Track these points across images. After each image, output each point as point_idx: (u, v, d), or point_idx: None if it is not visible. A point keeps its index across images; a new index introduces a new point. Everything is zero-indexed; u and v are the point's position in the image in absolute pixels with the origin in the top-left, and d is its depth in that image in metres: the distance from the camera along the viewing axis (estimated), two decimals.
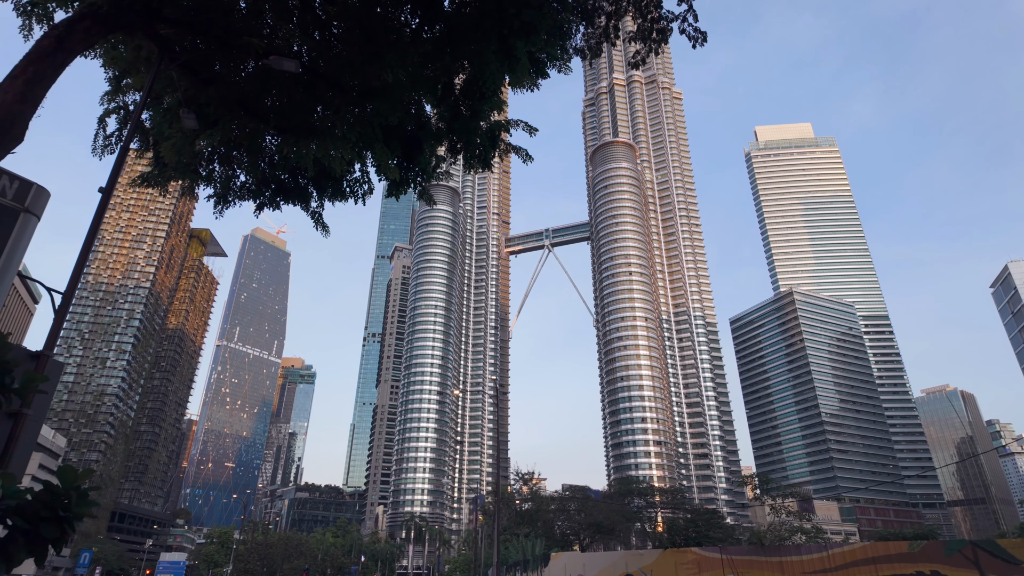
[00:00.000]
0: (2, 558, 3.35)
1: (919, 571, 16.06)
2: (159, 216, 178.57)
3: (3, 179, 3.49)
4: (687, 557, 21.57)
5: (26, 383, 4.48)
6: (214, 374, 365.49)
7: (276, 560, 76.94)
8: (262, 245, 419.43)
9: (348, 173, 12.53)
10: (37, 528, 3.45)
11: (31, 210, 3.53)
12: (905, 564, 16.49)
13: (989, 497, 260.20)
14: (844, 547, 18.11)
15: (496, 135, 12.45)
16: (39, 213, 3.62)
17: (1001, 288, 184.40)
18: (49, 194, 4.16)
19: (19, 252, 3.50)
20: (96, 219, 7.12)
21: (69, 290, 6.63)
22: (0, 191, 3.49)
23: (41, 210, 3.71)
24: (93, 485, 4.34)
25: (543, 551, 36.74)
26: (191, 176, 12.32)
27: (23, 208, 3.50)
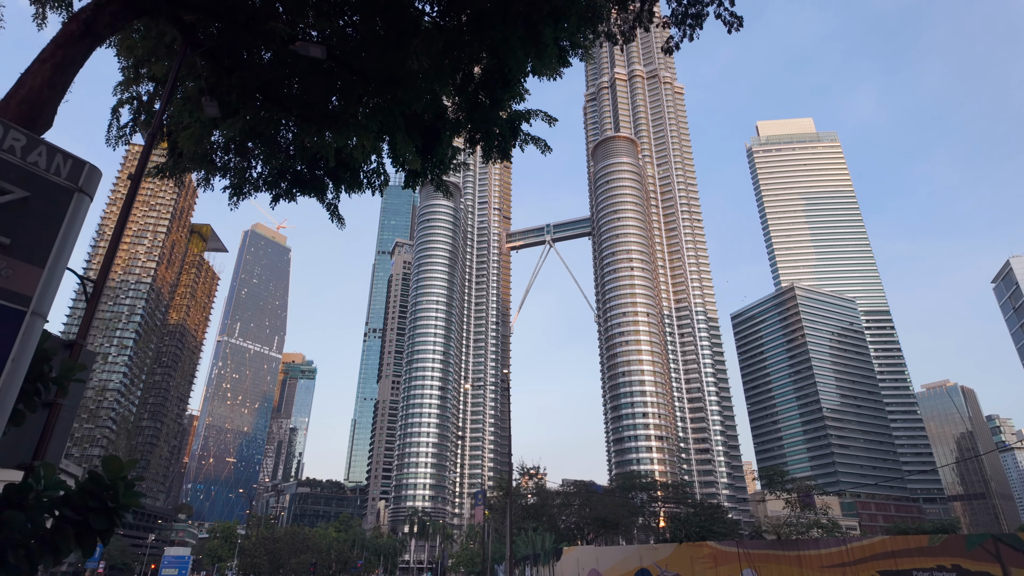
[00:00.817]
0: (50, 551, 3.20)
1: (940, 565, 15.92)
2: (160, 212, 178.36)
3: (56, 157, 3.39)
4: (703, 551, 21.44)
5: (64, 372, 4.36)
6: (215, 370, 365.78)
7: (282, 555, 76.98)
8: (262, 241, 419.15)
9: (366, 164, 12.42)
10: (87, 519, 3.32)
11: (84, 190, 3.41)
12: (926, 558, 16.34)
13: (989, 492, 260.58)
14: (863, 541, 17.97)
15: (517, 125, 12.31)
16: (92, 193, 3.51)
17: (1003, 283, 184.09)
18: (101, 173, 4.05)
19: (74, 233, 3.38)
20: (126, 205, 7.00)
21: (100, 279, 6.52)
22: (54, 170, 3.35)
23: (94, 190, 3.55)
24: (137, 476, 4.24)
25: (552, 546, 36.70)
26: (207, 167, 12.17)
27: (77, 188, 3.38)
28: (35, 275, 3.20)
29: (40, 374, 4.11)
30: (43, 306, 3.22)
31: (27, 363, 3.11)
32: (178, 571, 73.58)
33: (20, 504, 3.08)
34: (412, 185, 13.49)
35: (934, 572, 16.08)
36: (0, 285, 3.06)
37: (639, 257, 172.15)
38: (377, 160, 12.52)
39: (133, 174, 7.44)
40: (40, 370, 4.09)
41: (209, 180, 12.92)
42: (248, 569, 78.59)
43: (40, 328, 3.25)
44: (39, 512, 3.16)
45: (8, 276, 3.10)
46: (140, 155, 8.50)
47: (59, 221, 3.40)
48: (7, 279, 3.09)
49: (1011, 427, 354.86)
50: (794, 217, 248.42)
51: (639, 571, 22.89)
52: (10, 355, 3.03)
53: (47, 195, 3.35)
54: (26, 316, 3.13)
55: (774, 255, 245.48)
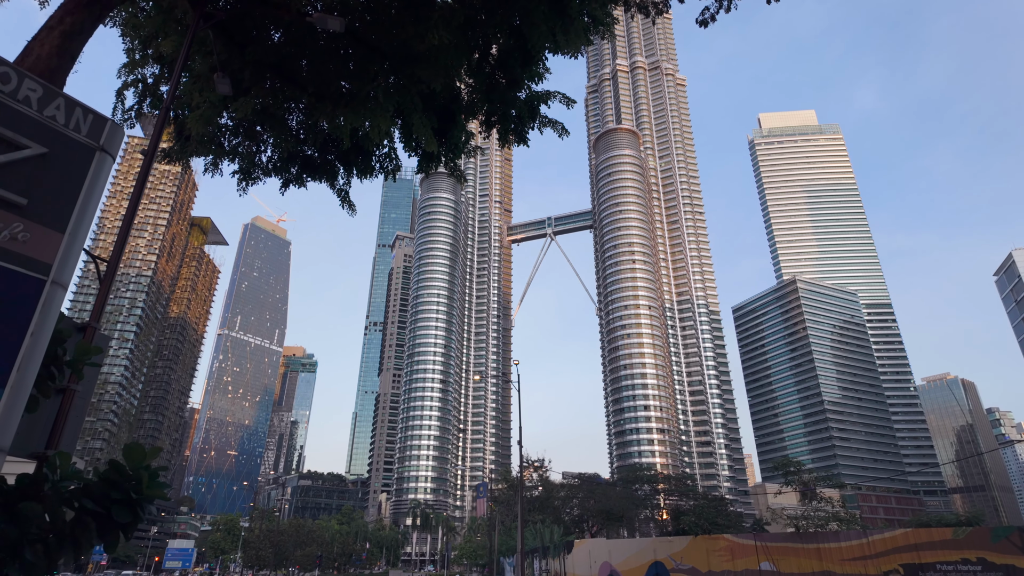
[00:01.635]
0: (71, 546, 2.92)
1: (965, 558, 15.62)
2: (160, 204, 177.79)
3: (76, 112, 3.05)
4: (719, 544, 21.18)
5: (79, 355, 3.99)
6: (216, 363, 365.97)
7: (287, 547, 77.01)
8: (262, 234, 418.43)
9: (379, 147, 12.05)
10: (109, 512, 3.03)
11: (107, 149, 3.10)
12: (950, 551, 16.04)
13: (988, 485, 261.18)
14: (885, 534, 17.66)
15: (535, 106, 11.91)
16: (114, 153, 3.17)
17: (1005, 276, 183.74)
18: (124, 132, 3.65)
19: (96, 196, 3.07)
20: (140, 181, 6.66)
21: (114, 258, 6.19)
22: (73, 125, 3.01)
23: (116, 150, 3.22)
24: (161, 466, 3.73)
25: (560, 538, 36.52)
26: (215, 150, 11.80)
27: (98, 146, 3.08)
28: (55, 241, 2.88)
29: (54, 357, 3.77)
30: (63, 275, 2.89)
31: (47, 338, 2.82)
32: (182, 563, 73.78)
33: (36, 495, 2.84)
34: (425, 170, 13.12)
35: (959, 565, 15.79)
36: (17, 250, 2.73)
37: (641, 250, 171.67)
38: (388, 144, 12.17)
39: (147, 149, 7.09)
40: (54, 353, 3.75)
41: (217, 164, 12.54)
42: (253, 561, 78.66)
43: (60, 300, 2.93)
44: (57, 504, 2.91)
45: (25, 241, 2.78)
46: (155, 126, 8.15)
47: (80, 182, 3.07)
48: (25, 244, 2.77)
49: (1011, 420, 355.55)
50: (796, 210, 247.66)
51: (653, 564, 22.64)
52: (29, 328, 2.72)
53: (67, 153, 3.03)
54: (46, 286, 2.81)
55: (776, 248, 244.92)
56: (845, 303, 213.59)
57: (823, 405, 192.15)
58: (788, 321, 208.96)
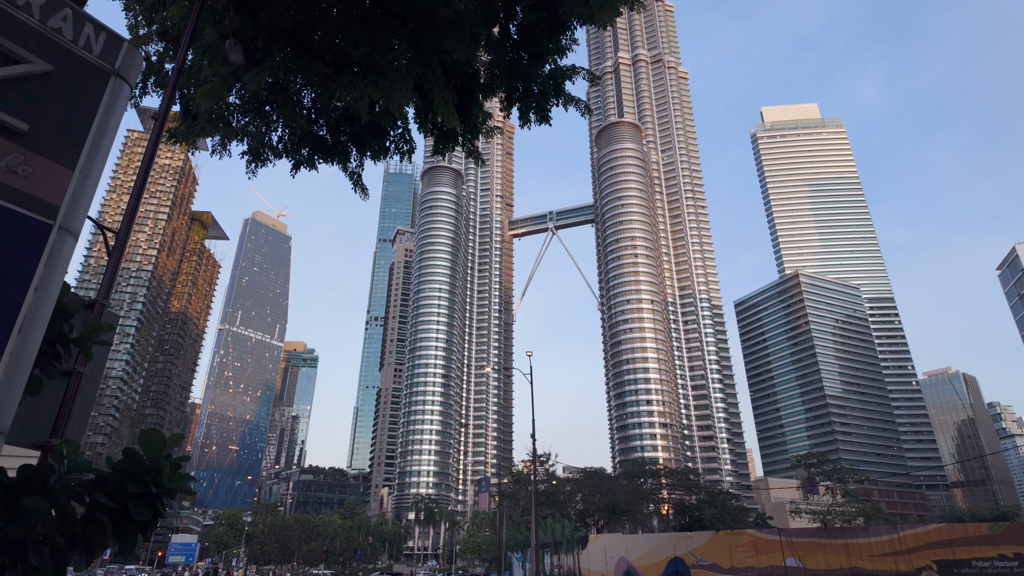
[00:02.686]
0: (82, 547, 2.43)
1: (1001, 554, 15.16)
2: (160, 199, 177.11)
3: (86, 27, 2.45)
4: (742, 539, 20.73)
5: (87, 331, 3.24)
6: (217, 358, 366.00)
7: (293, 542, 76.76)
8: (263, 229, 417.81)
9: (394, 127, 11.52)
10: (125, 508, 2.54)
11: (123, 75, 2.51)
12: (986, 547, 15.58)
13: (989, 479, 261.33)
14: (916, 529, 17.20)
15: (560, 82, 11.36)
16: (132, 82, 2.58)
17: (1008, 270, 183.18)
18: (142, 59, 3.11)
19: (111, 130, 2.48)
20: (151, 147, 6.12)
21: (124, 230, 5.64)
22: (83, 43, 2.42)
23: (134, 78, 2.62)
24: (182, 455, 3.23)
25: (572, 533, 36.15)
26: (224, 129, 11.25)
27: (113, 70, 2.49)
28: (62, 179, 2.33)
29: (59, 334, 3.13)
30: (73, 221, 2.32)
31: (54, 297, 2.29)
32: (185, 557, 73.62)
33: (41, 490, 2.37)
34: (442, 151, 12.56)
35: (995, 561, 15.31)
36: (16, 186, 2.19)
37: (643, 244, 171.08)
38: (402, 125, 11.63)
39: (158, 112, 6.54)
40: (59, 329, 3.11)
41: (226, 145, 11.97)
42: (258, 556, 78.39)
43: (70, 252, 2.35)
44: (66, 499, 2.45)
45: (27, 176, 2.24)
46: (163, 99, 7.59)
47: (91, 111, 2.43)
48: (26, 180, 2.23)
49: (1012, 414, 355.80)
50: (798, 204, 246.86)
51: (672, 559, 22.21)
52: (32, 282, 2.16)
53: (75, 75, 2.40)
54: (52, 231, 2.25)
55: (778, 242, 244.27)
56: (847, 297, 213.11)
57: (825, 399, 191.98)
58: (790, 315, 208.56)
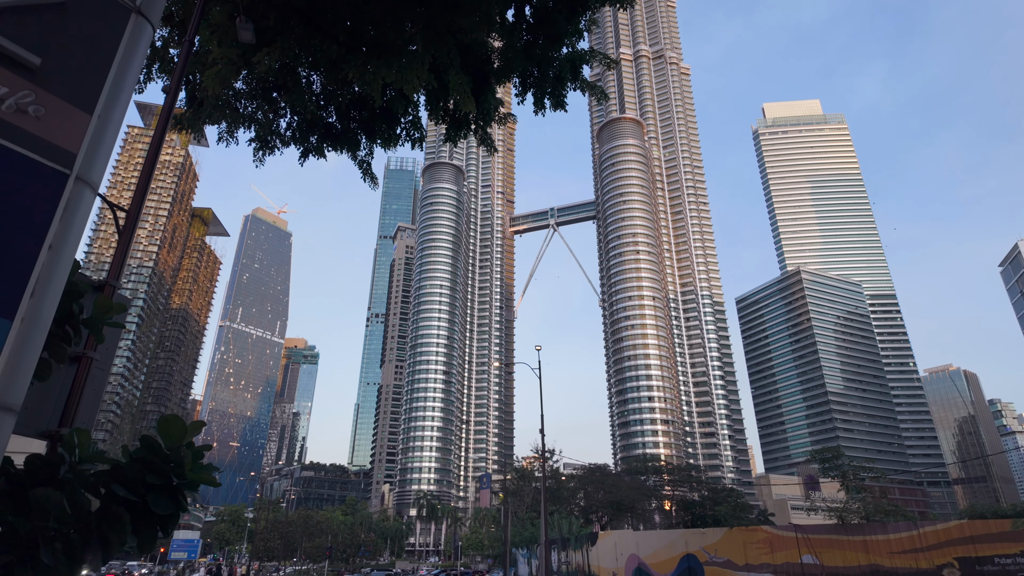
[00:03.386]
0: (99, 544, 2.19)
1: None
2: (161, 195, 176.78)
3: None
4: (757, 536, 20.50)
5: (98, 313, 2.92)
6: (217, 354, 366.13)
7: (296, 538, 76.69)
8: (263, 225, 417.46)
9: (405, 114, 11.21)
10: (144, 500, 2.29)
11: (145, 13, 2.26)
12: (1008, 543, 15.36)
13: (990, 475, 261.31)
14: (937, 525, 16.98)
15: (578, 66, 11.04)
16: (155, 22, 2.31)
17: (1011, 266, 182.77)
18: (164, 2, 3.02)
19: (132, 71, 2.24)
20: (162, 122, 5.81)
21: (134, 208, 5.33)
22: None
23: (157, 18, 2.35)
24: (205, 444, 2.85)
25: (579, 529, 35.91)
26: (231, 115, 10.92)
27: (134, 7, 2.23)
28: (79, 123, 2.02)
29: (69, 314, 2.77)
30: (92, 172, 2.03)
31: (71, 256, 2.01)
32: (187, 554, 73.50)
33: (52, 481, 2.16)
34: (454, 138, 12.23)
35: (1018, 558, 15.06)
36: (27, 127, 1.89)
37: (645, 240, 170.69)
38: (413, 112, 11.32)
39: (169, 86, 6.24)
40: (68, 309, 2.75)
41: (233, 132, 11.66)
42: (261, 553, 78.34)
43: (88, 206, 2.07)
44: (80, 491, 2.21)
45: (39, 116, 1.93)
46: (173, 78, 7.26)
47: (111, 50, 2.20)
48: (38, 121, 1.92)
49: (1012, 411, 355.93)
50: (800, 200, 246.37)
51: (685, 556, 21.96)
52: (46, 239, 1.87)
53: (94, 8, 2.15)
54: (68, 182, 1.95)
55: (780, 239, 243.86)
56: (849, 294, 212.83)
57: (827, 396, 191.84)
58: (792, 312, 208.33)
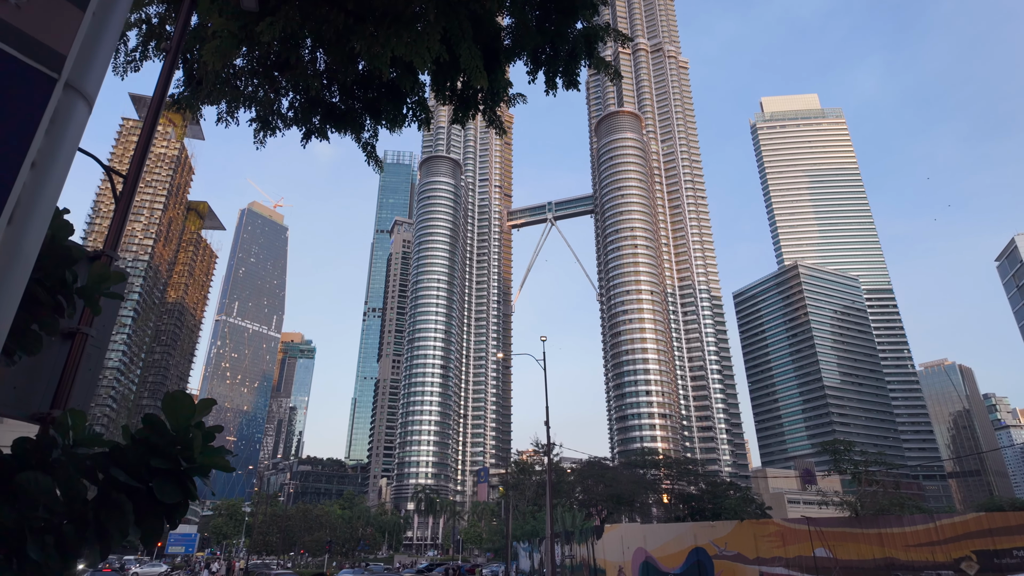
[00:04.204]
0: (96, 536, 1.85)
1: None
2: (156, 188, 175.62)
3: None
4: (768, 529, 20.28)
5: (94, 281, 2.60)
6: (214, 349, 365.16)
7: (296, 532, 76.41)
8: (259, 219, 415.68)
9: (413, 90, 10.77)
10: (148, 487, 1.96)
11: None
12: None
13: (984, 469, 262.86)
14: (955, 518, 16.78)
15: (593, 42, 10.61)
16: None
17: (1007, 261, 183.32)
18: None
19: None
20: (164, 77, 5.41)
21: (133, 173, 4.92)
22: None
23: None
24: (216, 425, 2.45)
25: (582, 523, 35.69)
26: (231, 93, 10.45)
27: None
28: (71, 20, 1.68)
29: (61, 282, 2.40)
30: (86, 80, 1.70)
31: (61, 179, 1.69)
32: (185, 548, 73.23)
33: (42, 465, 1.86)
34: (462, 120, 11.80)
35: None
36: (6, 18, 1.58)
37: (643, 234, 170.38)
38: (419, 93, 10.87)
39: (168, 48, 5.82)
40: (60, 276, 2.39)
41: (233, 112, 11.17)
42: (260, 547, 78.05)
43: (82, 121, 1.74)
44: (74, 476, 1.88)
45: (20, 6, 1.60)
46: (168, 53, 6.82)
47: None
48: (19, 12, 1.60)
49: (1007, 405, 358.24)
50: (798, 194, 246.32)
51: (694, 550, 21.74)
52: (28, 154, 1.54)
53: None
54: (56, 88, 1.62)
55: (777, 233, 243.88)
56: (846, 289, 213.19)
57: (823, 390, 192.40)
58: (789, 306, 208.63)
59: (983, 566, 15.45)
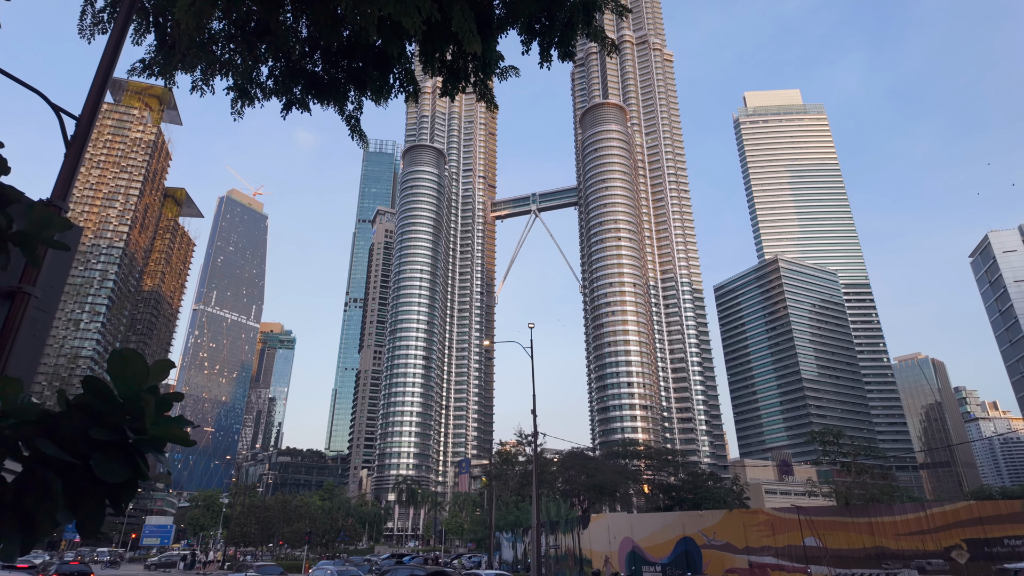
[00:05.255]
0: (16, 522, 1.54)
1: None
2: (132, 173, 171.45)
3: None
4: (758, 518, 20.16)
5: (35, 226, 2.24)
6: (191, 338, 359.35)
7: (274, 523, 75.48)
8: (238, 207, 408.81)
9: (400, 58, 10.19)
10: (86, 464, 1.61)
11: None
12: (1019, 525, 15.18)
13: (954, 460, 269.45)
14: (945, 506, 16.78)
15: (591, 11, 10.11)
16: None
17: (980, 257, 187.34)
18: None
19: None
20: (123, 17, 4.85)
21: (87, 116, 4.35)
22: None
23: None
24: (176, 392, 2.13)
25: (567, 512, 35.55)
26: (207, 58, 9.76)
27: None
28: None
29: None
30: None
31: None
32: (160, 539, 71.98)
33: None
34: (451, 92, 11.20)
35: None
36: None
37: (626, 227, 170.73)
38: (405, 64, 10.27)
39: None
40: None
41: (209, 81, 10.45)
42: (237, 538, 77.03)
43: None
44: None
45: None
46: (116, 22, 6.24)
47: None
48: None
49: (976, 398, 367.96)
50: (779, 189, 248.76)
51: (682, 539, 21.57)
52: None
53: None
54: None
55: (758, 227, 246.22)
56: (825, 283, 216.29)
57: (801, 383, 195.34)
58: (768, 300, 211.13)
59: (973, 555, 15.47)
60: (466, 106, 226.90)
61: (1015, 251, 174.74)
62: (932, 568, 15.73)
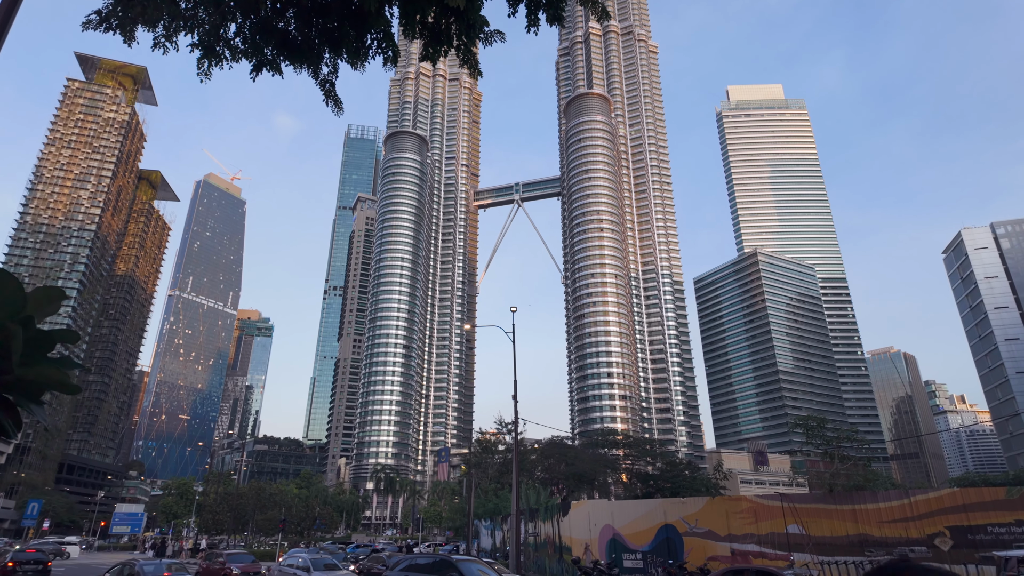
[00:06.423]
0: None
1: (1019, 519, 14.82)
2: (104, 154, 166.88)
3: None
4: (741, 505, 20.04)
5: None
6: (166, 324, 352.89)
7: (248, 511, 74.46)
8: (216, 192, 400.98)
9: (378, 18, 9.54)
10: None
11: None
12: (1002, 512, 15.24)
13: (922, 451, 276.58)
14: (929, 494, 16.77)
15: None
16: None
17: (953, 254, 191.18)
18: None
19: None
20: None
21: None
22: None
23: None
24: (67, 329, 1.76)
25: (547, 500, 35.42)
26: (170, 10, 9.00)
27: None
28: None
29: None
30: None
31: None
32: (130, 527, 70.57)
33: None
34: (432, 57, 10.55)
35: (1012, 527, 14.97)
36: None
37: (609, 218, 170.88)
38: (384, 28, 9.62)
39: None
40: None
41: (172, 38, 9.65)
42: (210, 526, 75.88)
43: None
44: None
45: None
46: None
47: None
48: None
49: (945, 392, 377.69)
50: (760, 183, 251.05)
51: (663, 527, 21.43)
52: None
53: None
54: None
55: (738, 221, 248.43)
56: (802, 277, 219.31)
57: (778, 375, 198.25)
58: (747, 293, 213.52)
59: (956, 542, 15.52)
60: (450, 93, 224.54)
61: (986, 248, 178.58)
62: (915, 555, 15.77)
